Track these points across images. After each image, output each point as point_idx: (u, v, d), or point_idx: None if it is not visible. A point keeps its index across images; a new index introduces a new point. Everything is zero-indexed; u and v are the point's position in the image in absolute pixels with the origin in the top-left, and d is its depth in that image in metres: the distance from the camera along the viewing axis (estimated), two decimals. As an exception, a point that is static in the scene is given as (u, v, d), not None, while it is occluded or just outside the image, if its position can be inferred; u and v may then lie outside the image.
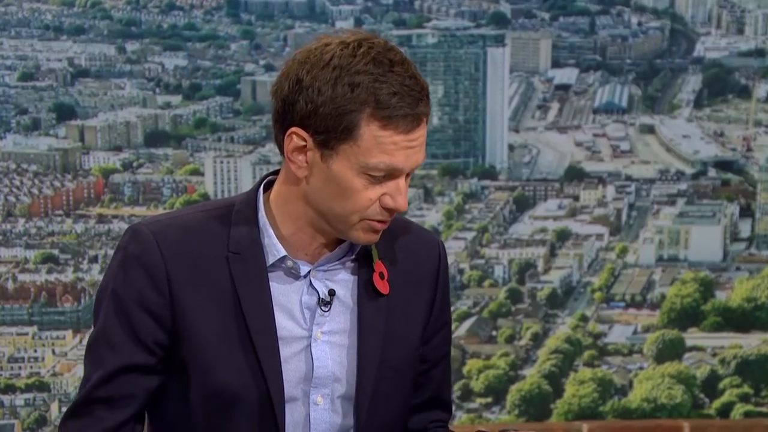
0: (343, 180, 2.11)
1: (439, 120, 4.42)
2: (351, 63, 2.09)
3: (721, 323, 4.48)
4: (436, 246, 2.33)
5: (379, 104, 2.08)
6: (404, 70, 2.10)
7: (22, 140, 4.23)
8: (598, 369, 4.45)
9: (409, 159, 2.11)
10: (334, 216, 2.14)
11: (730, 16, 4.47)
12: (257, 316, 2.15)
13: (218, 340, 2.14)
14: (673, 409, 4.45)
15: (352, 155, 2.10)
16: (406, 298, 2.26)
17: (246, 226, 2.18)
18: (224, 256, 2.16)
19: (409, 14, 4.37)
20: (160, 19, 4.30)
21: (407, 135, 2.09)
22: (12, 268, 4.25)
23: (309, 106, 2.10)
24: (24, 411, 4.26)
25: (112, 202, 4.29)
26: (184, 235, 2.17)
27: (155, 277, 2.14)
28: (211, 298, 2.15)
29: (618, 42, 4.47)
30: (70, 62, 4.26)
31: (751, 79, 4.47)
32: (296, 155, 2.12)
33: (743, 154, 4.48)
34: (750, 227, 4.50)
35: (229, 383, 2.15)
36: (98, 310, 2.20)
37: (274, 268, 2.18)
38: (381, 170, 2.10)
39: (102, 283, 2.21)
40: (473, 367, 4.41)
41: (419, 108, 2.09)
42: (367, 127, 2.08)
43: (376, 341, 2.22)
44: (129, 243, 2.18)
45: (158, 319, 2.15)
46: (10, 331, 4.26)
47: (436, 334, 2.32)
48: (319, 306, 2.19)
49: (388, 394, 2.24)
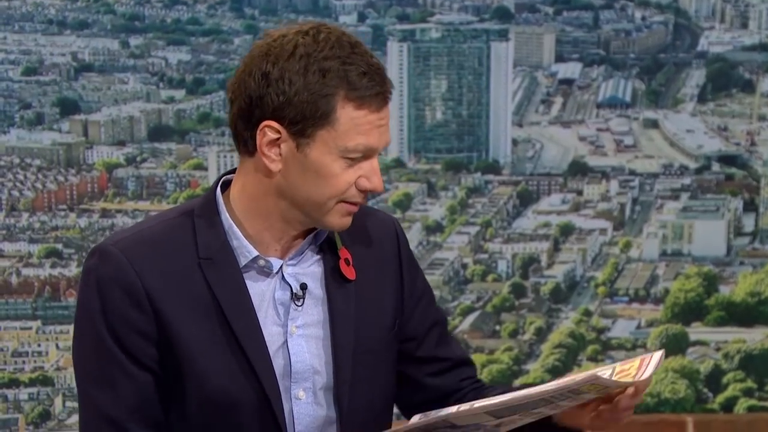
0: (322, 166, 2.12)
1: (442, 115, 4.42)
2: (316, 50, 2.11)
3: (724, 318, 4.48)
4: (392, 224, 2.35)
5: (351, 86, 2.10)
6: (363, 51, 2.13)
7: (26, 135, 4.23)
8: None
9: (382, 137, 2.14)
10: (311, 204, 2.15)
11: (734, 11, 4.47)
12: (241, 319, 2.15)
13: (207, 347, 2.14)
14: (677, 404, 4.45)
15: (330, 140, 2.11)
16: (373, 281, 2.27)
17: (211, 230, 2.17)
18: (196, 263, 2.15)
19: (412, 9, 4.36)
20: (164, 14, 4.30)
21: (378, 113, 2.12)
22: (16, 262, 4.25)
23: (281, 97, 2.11)
24: (28, 405, 4.26)
25: (115, 197, 4.29)
26: (152, 249, 2.15)
27: (134, 295, 2.13)
28: (191, 306, 2.14)
29: (622, 36, 4.47)
30: (73, 57, 4.26)
31: (755, 74, 4.46)
32: (269, 149, 2.13)
33: (747, 149, 4.48)
34: (754, 222, 4.50)
35: (225, 388, 2.15)
36: (84, 335, 2.17)
37: (247, 268, 2.18)
38: (359, 151, 2.12)
39: (79, 309, 2.19)
40: (477, 362, 4.39)
41: (386, 86, 2.12)
42: (342, 110, 2.10)
43: (348, 328, 2.23)
44: (99, 265, 2.16)
45: (146, 336, 2.14)
46: (13, 326, 4.26)
47: (415, 309, 2.34)
48: (293, 301, 2.19)
49: (368, 379, 2.25)
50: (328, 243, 2.24)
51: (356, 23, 4.34)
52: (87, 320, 2.17)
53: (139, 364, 2.14)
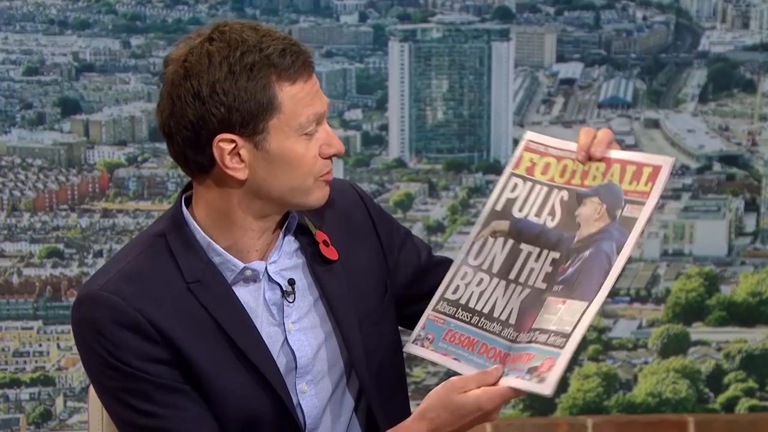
0: (286, 152, 2.12)
1: (443, 114, 4.42)
2: (231, 51, 2.10)
3: (726, 318, 4.48)
4: (351, 189, 2.36)
5: (278, 68, 2.10)
6: (269, 31, 2.13)
7: (27, 135, 4.23)
8: (603, 363, 4.45)
9: (323, 100, 2.15)
10: (292, 192, 2.14)
11: (736, 11, 4.47)
12: (245, 336, 2.15)
13: (220, 368, 2.13)
14: (678, 404, 4.45)
15: (283, 125, 2.11)
16: (355, 252, 2.28)
17: (190, 253, 2.16)
18: (185, 288, 2.14)
19: (413, 9, 4.36)
20: (165, 14, 4.30)
21: (310, 81, 2.13)
22: (17, 262, 4.25)
23: (221, 109, 2.09)
24: (29, 405, 4.26)
25: (116, 197, 4.29)
26: (139, 284, 2.13)
27: (142, 330, 2.10)
28: (195, 330, 2.13)
29: (623, 36, 4.47)
30: (74, 57, 4.26)
31: (756, 74, 4.46)
32: (231, 160, 2.12)
33: (748, 149, 4.48)
34: (755, 222, 4.50)
35: (245, 407, 2.15)
36: (108, 379, 2.13)
37: (235, 281, 2.17)
38: (312, 121, 2.12)
39: (88, 360, 2.14)
40: (478, 362, 4.41)
41: (306, 53, 2.13)
42: (282, 92, 2.10)
43: (347, 308, 2.24)
44: (93, 312, 2.12)
45: (166, 362, 2.12)
46: (15, 326, 4.26)
47: (399, 258, 2.35)
48: (284, 298, 2.19)
49: (378, 348, 2.26)
50: (302, 230, 2.24)
51: (357, 23, 4.34)
52: (101, 366, 2.12)
53: (170, 387, 2.12)
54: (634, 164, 2.16)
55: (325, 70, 4.34)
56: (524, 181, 2.23)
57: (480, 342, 2.14)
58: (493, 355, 2.11)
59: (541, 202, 2.20)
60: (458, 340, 2.17)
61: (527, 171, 2.23)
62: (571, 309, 2.09)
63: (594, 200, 2.17)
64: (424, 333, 2.20)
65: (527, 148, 2.25)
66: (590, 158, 2.18)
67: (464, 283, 2.20)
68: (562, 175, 2.20)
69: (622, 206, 2.14)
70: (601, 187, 2.17)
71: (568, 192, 2.19)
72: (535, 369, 2.04)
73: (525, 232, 2.20)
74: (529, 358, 2.06)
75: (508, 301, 2.15)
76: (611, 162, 2.17)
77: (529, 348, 2.07)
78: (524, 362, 2.06)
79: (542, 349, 2.06)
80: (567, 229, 2.16)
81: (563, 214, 2.17)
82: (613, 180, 2.16)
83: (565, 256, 2.14)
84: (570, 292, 2.10)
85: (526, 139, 2.25)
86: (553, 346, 2.05)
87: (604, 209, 2.16)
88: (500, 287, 2.18)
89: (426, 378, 4.36)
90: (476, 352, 2.13)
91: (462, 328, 2.17)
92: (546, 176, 2.22)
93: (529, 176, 2.23)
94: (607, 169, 2.17)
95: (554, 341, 2.06)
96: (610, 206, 2.15)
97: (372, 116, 4.37)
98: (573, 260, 2.14)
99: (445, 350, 2.17)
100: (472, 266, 2.21)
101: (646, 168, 2.16)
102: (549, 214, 2.19)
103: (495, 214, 2.23)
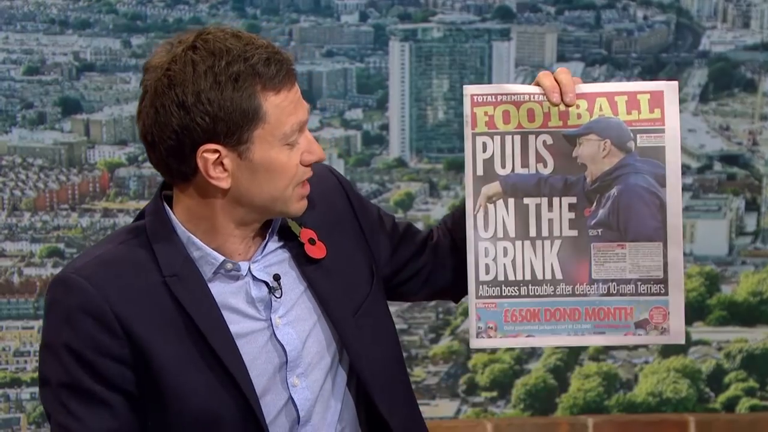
0: (270, 161, 2.11)
1: (444, 114, 4.42)
2: (216, 60, 2.09)
3: (726, 317, 4.48)
4: (330, 175, 2.36)
5: (263, 78, 2.09)
6: (252, 40, 2.12)
7: (28, 134, 4.23)
8: (604, 363, 4.45)
9: (305, 108, 2.15)
10: (273, 200, 2.14)
11: (736, 10, 4.47)
12: (216, 333, 2.14)
13: (185, 366, 2.12)
14: (679, 403, 4.45)
15: (268, 134, 2.10)
16: (341, 243, 2.28)
17: (170, 247, 2.15)
18: (161, 281, 2.13)
19: (414, 8, 4.36)
20: (166, 14, 4.30)
21: (293, 89, 2.13)
22: (17, 262, 4.25)
23: (206, 119, 2.08)
24: (30, 405, 4.26)
25: (117, 197, 4.29)
26: (115, 273, 2.12)
27: (105, 321, 2.10)
28: (163, 326, 2.12)
29: (623, 36, 4.47)
30: (75, 56, 4.26)
31: (757, 73, 4.46)
32: (214, 170, 2.11)
33: (749, 148, 4.48)
34: (755, 221, 4.50)
35: (208, 406, 2.13)
36: (52, 367, 2.13)
37: (214, 276, 2.17)
38: (296, 130, 2.12)
39: (46, 340, 2.14)
40: (478, 361, 4.42)
41: (288, 61, 2.13)
42: (266, 102, 2.09)
43: (339, 299, 2.23)
44: (65, 295, 2.12)
45: (121, 361, 2.11)
46: (15, 325, 4.26)
47: (380, 240, 2.36)
48: (272, 294, 2.19)
49: (374, 337, 2.26)
50: (286, 231, 2.24)
51: (358, 23, 4.34)
52: (54, 356, 2.13)
53: (116, 389, 2.11)
54: (624, 94, 2.13)
55: (325, 69, 4.34)
56: (491, 137, 2.18)
57: (542, 309, 2.11)
58: (560, 316, 2.09)
59: (521, 152, 2.16)
60: (520, 316, 2.14)
61: (487, 126, 2.18)
62: (642, 252, 2.07)
63: (591, 138, 2.14)
64: (483, 324, 2.17)
65: (474, 103, 2.18)
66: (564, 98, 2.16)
67: (491, 260, 2.17)
68: (532, 119, 2.15)
69: (632, 137, 2.11)
70: (593, 123, 2.13)
71: (551, 135, 2.15)
72: (646, 322, 2.03)
73: (520, 186, 2.17)
74: (627, 313, 2.04)
75: (543, 259, 2.13)
76: (593, 97, 2.13)
77: (614, 302, 2.05)
78: (622, 318, 2.04)
79: (639, 300, 2.04)
80: (569, 172, 2.13)
81: (557, 159, 2.14)
82: (605, 114, 2.12)
83: (587, 199, 2.12)
84: (623, 235, 2.08)
85: (469, 94, 2.19)
86: (651, 295, 2.04)
87: (609, 144, 2.13)
88: (528, 249, 2.14)
89: (426, 378, 4.36)
90: (544, 321, 2.11)
91: (517, 304, 2.14)
92: (510, 125, 2.16)
93: (493, 130, 2.18)
94: (592, 105, 2.12)
95: (648, 289, 2.04)
96: (616, 140, 2.12)
97: (372, 116, 4.37)
98: (599, 201, 2.12)
99: (513, 332, 2.14)
100: (487, 239, 2.17)
101: (641, 95, 2.13)
102: (537, 161, 2.16)
103: (479, 180, 2.18)
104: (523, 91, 2.16)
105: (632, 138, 2.11)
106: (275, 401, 2.20)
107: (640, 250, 2.06)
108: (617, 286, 2.06)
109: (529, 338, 2.12)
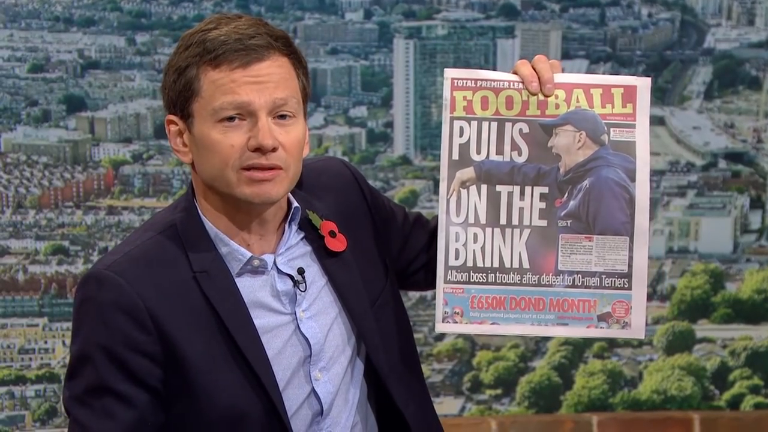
0: (204, 137, 2.10)
1: (448, 112, 4.41)
2: (191, 34, 2.12)
3: (731, 315, 4.47)
4: (345, 169, 2.35)
5: (207, 50, 2.08)
6: (247, 21, 2.10)
7: (33, 132, 4.23)
8: (608, 361, 4.45)
9: (262, 94, 2.07)
10: (217, 181, 2.12)
11: (741, 7, 4.46)
12: (242, 331, 2.14)
13: (212, 363, 2.12)
14: (683, 401, 4.45)
15: (202, 109, 2.09)
16: (356, 236, 2.28)
17: (200, 242, 2.15)
18: (191, 277, 2.13)
19: (418, 6, 4.36)
20: (170, 11, 4.30)
21: (246, 69, 2.07)
22: (22, 259, 4.25)
23: (165, 89, 2.13)
24: (34, 402, 4.27)
25: (122, 194, 4.29)
26: (147, 268, 2.12)
27: (138, 318, 2.10)
28: (192, 323, 2.12)
29: (628, 33, 4.47)
30: (80, 54, 4.26)
31: (761, 71, 4.46)
32: (176, 142, 2.13)
33: (754, 146, 4.47)
34: (760, 219, 4.50)
35: (234, 403, 2.14)
36: (86, 367, 2.14)
37: (241, 272, 2.17)
38: (229, 110, 2.08)
39: (79, 340, 2.15)
40: (483, 359, 4.41)
41: (252, 41, 2.07)
42: (204, 76, 2.08)
43: (358, 292, 2.24)
44: (98, 291, 2.12)
45: (152, 357, 2.11)
46: (20, 323, 4.26)
47: (391, 232, 2.36)
48: (296, 288, 2.19)
49: (390, 329, 2.27)
50: (308, 222, 2.24)
51: (362, 20, 4.34)
52: (85, 355, 2.14)
53: (143, 386, 2.12)
54: (600, 87, 2.13)
55: (330, 67, 4.34)
56: (468, 122, 2.18)
57: (508, 297, 2.12)
58: (525, 305, 2.09)
59: (497, 138, 2.16)
60: (486, 303, 2.15)
61: (466, 111, 2.18)
62: (609, 246, 2.07)
63: (567, 129, 2.14)
64: (450, 309, 2.18)
65: (454, 87, 2.18)
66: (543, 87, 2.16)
67: (461, 245, 2.18)
68: (510, 107, 2.15)
69: (605, 131, 2.12)
70: (570, 115, 2.14)
71: (528, 124, 2.15)
72: (608, 315, 2.04)
73: (494, 172, 2.18)
74: (590, 305, 2.05)
75: (512, 247, 2.14)
76: (570, 87, 2.13)
77: (578, 294, 2.06)
78: (585, 310, 2.05)
79: (603, 294, 2.05)
80: (543, 162, 2.13)
81: (532, 148, 2.14)
82: (581, 106, 2.13)
83: (558, 189, 2.13)
84: (591, 227, 2.09)
85: (449, 78, 2.19)
86: (615, 288, 2.05)
87: (584, 136, 2.14)
88: (497, 236, 2.15)
89: (431, 375, 4.36)
90: (509, 309, 2.12)
91: (484, 291, 2.15)
92: (488, 111, 2.16)
93: (471, 115, 2.18)
94: (569, 96, 2.13)
95: (612, 283, 2.05)
96: (591, 132, 2.13)
97: (377, 113, 4.37)
98: (570, 193, 2.13)
99: (478, 318, 2.15)
100: (458, 224, 2.18)
101: (615, 89, 2.13)
102: (512, 149, 2.16)
103: (454, 164, 2.18)
104: (503, 78, 2.16)
105: (606, 131, 2.11)
106: (298, 395, 2.20)
107: (606, 244, 2.07)
108: (582, 278, 2.07)
109: (493, 326, 2.13)
